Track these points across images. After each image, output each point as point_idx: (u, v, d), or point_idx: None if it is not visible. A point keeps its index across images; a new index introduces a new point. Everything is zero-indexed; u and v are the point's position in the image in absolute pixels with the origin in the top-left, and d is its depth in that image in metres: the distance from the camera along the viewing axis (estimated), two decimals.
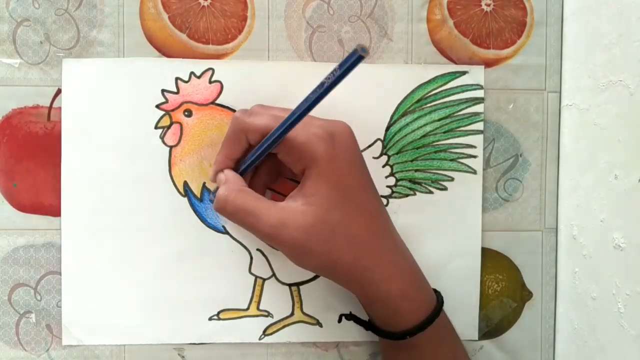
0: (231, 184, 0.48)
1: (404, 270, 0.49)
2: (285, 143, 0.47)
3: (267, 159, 0.51)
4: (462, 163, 0.56)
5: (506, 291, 0.58)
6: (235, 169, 0.51)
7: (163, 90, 0.54)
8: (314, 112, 0.45)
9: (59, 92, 0.54)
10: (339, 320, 0.56)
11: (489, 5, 0.57)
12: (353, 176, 0.48)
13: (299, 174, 0.48)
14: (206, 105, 0.54)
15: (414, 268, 0.51)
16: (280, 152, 0.48)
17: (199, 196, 0.55)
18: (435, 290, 0.52)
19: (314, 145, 0.46)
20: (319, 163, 0.46)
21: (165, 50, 0.54)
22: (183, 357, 0.56)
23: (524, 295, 0.58)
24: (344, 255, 0.47)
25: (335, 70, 0.42)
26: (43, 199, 0.54)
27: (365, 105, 0.55)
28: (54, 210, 0.54)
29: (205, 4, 0.55)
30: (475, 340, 0.58)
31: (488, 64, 0.57)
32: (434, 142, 0.56)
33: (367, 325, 0.54)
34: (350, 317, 0.55)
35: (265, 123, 0.48)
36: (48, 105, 0.54)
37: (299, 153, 0.47)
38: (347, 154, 0.48)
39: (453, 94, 0.56)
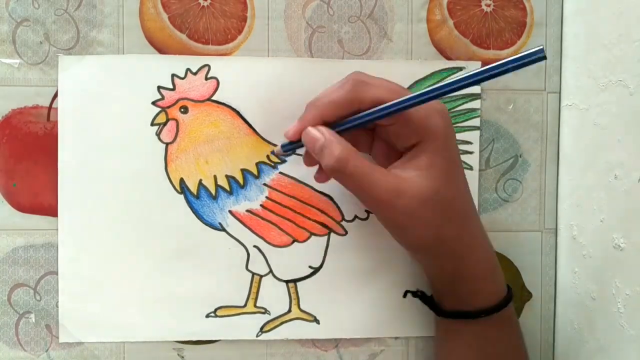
0: (345, 144, 0.46)
1: (490, 252, 0.50)
2: (404, 116, 0.46)
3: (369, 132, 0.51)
4: None
5: None
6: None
7: (159, 87, 0.54)
8: None
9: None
10: (404, 296, 0.56)
11: (489, 5, 0.57)
12: (458, 154, 0.49)
13: (406, 148, 0.48)
14: (202, 101, 0.54)
15: (493, 251, 0.51)
16: (395, 122, 0.47)
17: (195, 193, 0.55)
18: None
19: (436, 120, 0.46)
20: (437, 136, 0.46)
21: (165, 50, 0.55)
22: (182, 357, 0.56)
23: (523, 295, 0.58)
24: (451, 229, 0.47)
25: (507, 62, 0.42)
26: (42, 199, 0.54)
27: None
28: (54, 211, 0.54)
29: (205, 4, 0.55)
30: None
31: (488, 64, 0.56)
32: None
33: (432, 303, 0.54)
34: (416, 294, 0.55)
35: (381, 96, 0.46)
36: (47, 105, 0.54)
37: (418, 126, 0.46)
38: (454, 132, 0.48)
39: None
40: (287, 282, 0.56)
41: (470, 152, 0.56)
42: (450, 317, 0.51)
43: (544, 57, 0.40)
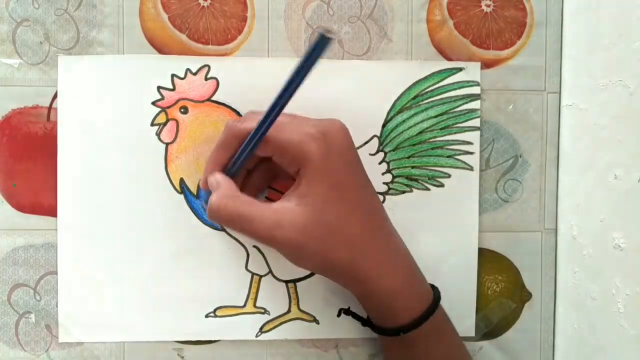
0: (223, 190, 0.48)
1: (399, 268, 0.49)
2: (278, 144, 0.47)
3: (262, 161, 0.51)
4: (458, 160, 0.56)
5: (506, 292, 0.58)
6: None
7: (159, 87, 0.54)
8: (311, 112, 0.45)
9: None
10: (338, 315, 0.56)
11: (488, 6, 0.57)
12: (348, 175, 0.48)
13: (294, 175, 0.48)
14: (202, 102, 0.54)
15: (409, 265, 0.50)
16: (274, 153, 0.48)
17: (195, 193, 0.55)
18: (433, 286, 0.52)
19: (307, 145, 0.46)
20: (313, 162, 0.46)
21: (165, 51, 0.55)
22: (182, 357, 0.56)
23: (523, 296, 0.58)
24: (340, 254, 0.47)
25: (302, 58, 0.42)
26: (42, 199, 0.54)
27: (361, 102, 0.55)
28: (53, 211, 0.54)
29: (205, 4, 0.55)
30: (475, 341, 0.57)
31: (488, 64, 0.57)
32: (430, 138, 0.56)
33: (364, 321, 0.54)
34: (348, 312, 0.55)
35: (254, 126, 0.47)
36: (47, 105, 0.54)
37: (293, 153, 0.46)
38: (342, 152, 0.47)
39: (449, 90, 0.56)
40: (286, 282, 0.56)
41: (471, 153, 0.56)
42: (377, 332, 0.52)
43: (328, 39, 0.41)
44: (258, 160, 0.51)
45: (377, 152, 0.55)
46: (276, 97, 0.45)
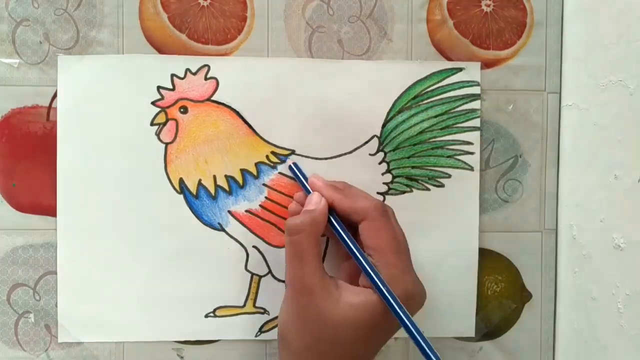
0: (316, 220, 0.48)
1: None
2: None
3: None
4: (459, 160, 0.56)
5: (505, 292, 0.58)
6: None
7: (159, 87, 0.54)
8: (311, 111, 0.45)
9: None
10: None
11: (488, 5, 0.57)
12: None
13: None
14: (202, 102, 0.54)
15: None
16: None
17: (194, 193, 0.55)
18: None
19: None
20: None
21: (164, 50, 0.55)
22: (182, 357, 0.56)
23: (523, 296, 0.58)
24: None
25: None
26: (42, 199, 0.54)
27: (361, 102, 0.55)
28: (53, 210, 0.54)
29: (205, 4, 0.55)
30: (475, 341, 0.57)
31: (488, 64, 0.57)
32: (430, 138, 0.56)
33: None
34: None
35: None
36: (47, 105, 0.54)
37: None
38: None
39: (449, 90, 0.56)
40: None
41: (471, 153, 0.56)
42: None
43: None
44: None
45: (377, 152, 0.55)
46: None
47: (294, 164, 0.54)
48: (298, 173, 0.54)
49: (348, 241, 0.48)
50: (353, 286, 0.47)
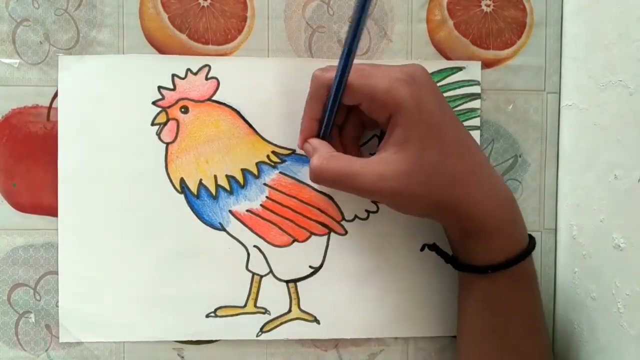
0: (321, 152, 0.49)
1: (501, 206, 0.49)
2: (366, 91, 0.47)
3: (350, 115, 0.52)
4: None
5: None
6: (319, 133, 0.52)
7: (159, 87, 0.54)
8: None
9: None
10: (422, 249, 0.56)
11: (488, 5, 0.57)
12: (441, 115, 0.48)
13: (384, 124, 0.48)
14: (203, 101, 0.54)
15: (510, 204, 0.50)
16: (362, 101, 0.48)
17: (195, 193, 0.55)
18: (530, 236, 0.51)
19: (399, 91, 0.46)
20: (407, 107, 0.46)
21: (164, 51, 0.55)
22: (182, 357, 0.56)
23: None
24: (445, 195, 0.47)
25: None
26: (42, 199, 0.54)
27: None
28: (53, 210, 0.54)
29: (205, 4, 0.55)
30: None
31: (488, 64, 0.57)
32: None
33: (448, 257, 0.53)
34: (432, 247, 0.55)
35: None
36: (47, 105, 0.54)
37: (383, 101, 0.47)
38: (432, 93, 0.48)
39: (449, 89, 0.56)
40: (287, 282, 0.56)
41: None
42: (461, 269, 0.51)
43: None
44: (346, 115, 0.52)
45: None
46: (349, 31, 0.46)
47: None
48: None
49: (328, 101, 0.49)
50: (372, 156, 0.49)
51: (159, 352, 0.56)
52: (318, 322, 0.56)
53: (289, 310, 0.56)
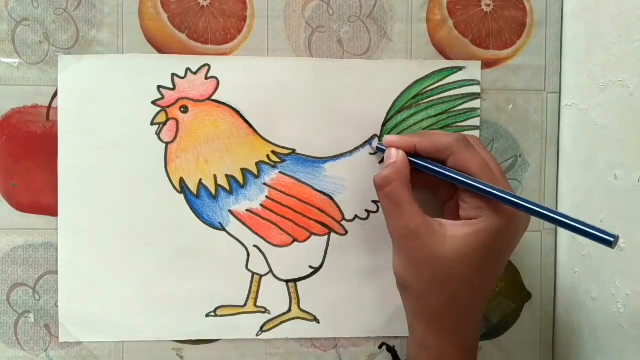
0: (401, 169, 0.49)
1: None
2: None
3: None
4: None
5: (505, 292, 0.58)
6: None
7: (159, 87, 0.54)
8: (311, 111, 0.44)
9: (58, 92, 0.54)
10: (380, 347, 0.57)
11: (488, 5, 0.57)
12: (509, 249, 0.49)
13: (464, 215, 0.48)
14: (202, 101, 0.54)
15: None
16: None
17: (195, 193, 0.55)
18: None
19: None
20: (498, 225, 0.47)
21: (164, 50, 0.54)
22: (182, 357, 0.56)
23: (523, 296, 0.58)
24: (458, 305, 0.48)
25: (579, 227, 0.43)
26: (42, 199, 0.54)
27: (361, 101, 0.55)
28: (53, 210, 0.54)
29: (205, 3, 0.55)
30: None
31: (488, 64, 0.57)
32: None
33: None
34: (390, 350, 0.56)
35: (470, 166, 0.47)
36: (47, 104, 0.54)
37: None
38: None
39: (449, 89, 0.56)
40: (287, 281, 0.56)
41: None
42: None
43: (611, 246, 0.41)
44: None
45: (377, 151, 0.55)
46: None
47: (380, 144, 0.55)
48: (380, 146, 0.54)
49: (439, 169, 0.49)
50: (456, 221, 0.47)
51: (159, 351, 0.56)
52: (318, 321, 0.56)
53: (289, 310, 0.56)
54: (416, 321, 0.49)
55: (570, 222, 0.42)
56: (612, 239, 0.40)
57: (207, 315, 0.56)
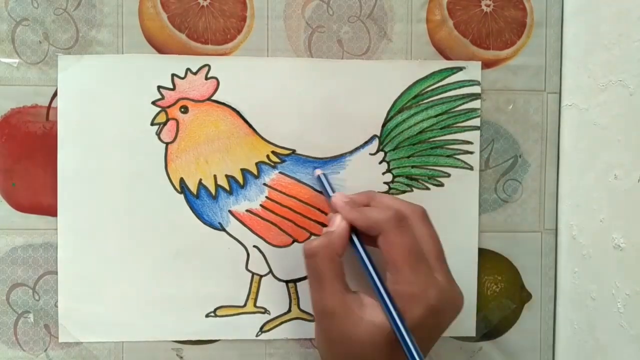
0: (333, 242, 0.47)
1: None
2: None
3: None
4: (458, 159, 0.56)
5: (505, 292, 0.58)
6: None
7: (159, 87, 0.54)
8: (311, 111, 0.44)
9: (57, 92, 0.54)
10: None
11: (488, 5, 0.57)
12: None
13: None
14: (202, 101, 0.54)
15: None
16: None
17: (195, 193, 0.55)
18: None
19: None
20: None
21: (164, 50, 0.55)
22: (182, 357, 0.56)
23: (523, 296, 0.58)
24: None
25: None
26: (41, 199, 0.54)
27: (361, 101, 0.55)
28: (53, 210, 0.54)
29: (205, 3, 0.55)
30: (475, 341, 0.57)
31: (488, 64, 0.57)
32: (430, 138, 0.56)
33: None
34: None
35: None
36: (47, 105, 0.54)
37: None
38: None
39: (450, 89, 0.56)
40: (287, 282, 0.56)
41: (471, 152, 0.56)
42: None
43: None
44: None
45: (377, 151, 0.55)
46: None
47: (323, 174, 0.54)
48: (326, 185, 0.53)
49: (368, 265, 0.48)
50: (377, 303, 0.46)
51: (158, 352, 0.56)
52: None
53: (289, 310, 0.56)
54: None
55: None
56: None
57: (207, 316, 0.56)
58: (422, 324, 0.45)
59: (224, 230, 0.55)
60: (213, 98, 0.54)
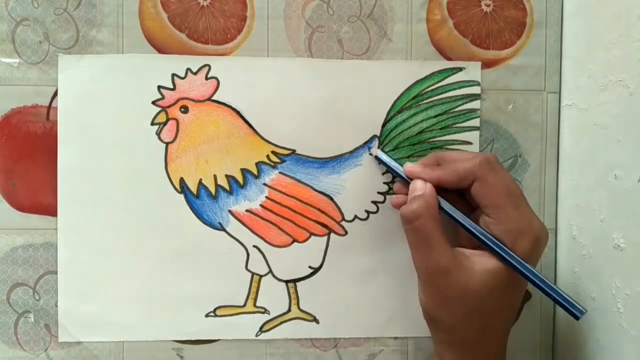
0: (430, 203, 0.48)
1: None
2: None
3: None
4: None
5: None
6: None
7: (159, 87, 0.54)
8: (311, 111, 0.44)
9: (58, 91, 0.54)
10: None
11: (488, 5, 0.57)
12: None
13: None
14: (202, 101, 0.54)
15: None
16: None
17: (195, 193, 0.55)
18: None
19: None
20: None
21: (164, 50, 0.55)
22: (182, 357, 0.56)
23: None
24: (471, 331, 0.48)
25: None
26: (42, 199, 0.54)
27: (361, 101, 0.55)
28: (53, 210, 0.54)
29: (205, 3, 0.55)
30: None
31: (488, 64, 0.56)
32: (430, 138, 0.56)
33: None
34: None
35: (494, 197, 0.48)
36: (47, 104, 0.54)
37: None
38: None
39: (449, 90, 0.56)
40: (286, 282, 0.56)
41: None
42: None
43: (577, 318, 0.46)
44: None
45: (377, 160, 0.55)
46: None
47: (382, 151, 0.55)
48: (388, 161, 0.54)
49: (461, 220, 0.49)
50: (482, 251, 0.48)
51: (158, 351, 0.56)
52: (317, 321, 0.56)
53: (289, 310, 0.56)
54: (446, 351, 0.49)
55: (549, 291, 0.46)
56: (580, 314, 0.45)
57: (207, 315, 0.56)
58: (531, 256, 0.47)
59: (223, 230, 0.55)
60: (213, 98, 0.54)
